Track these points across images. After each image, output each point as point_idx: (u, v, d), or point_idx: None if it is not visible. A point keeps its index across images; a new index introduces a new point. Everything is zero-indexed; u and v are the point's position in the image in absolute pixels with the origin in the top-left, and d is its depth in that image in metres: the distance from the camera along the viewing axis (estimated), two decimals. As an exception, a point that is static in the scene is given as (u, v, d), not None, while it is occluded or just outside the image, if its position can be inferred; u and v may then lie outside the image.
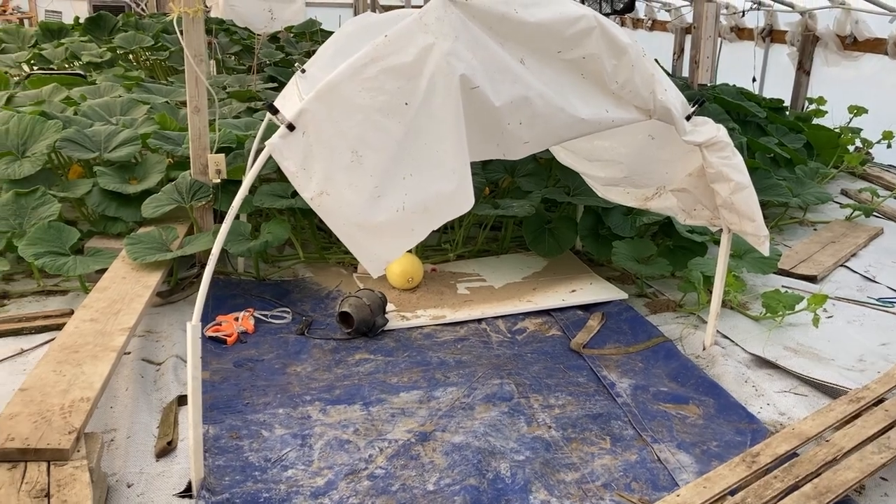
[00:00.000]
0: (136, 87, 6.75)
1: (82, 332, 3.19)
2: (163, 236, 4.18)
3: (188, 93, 4.28)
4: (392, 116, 2.61)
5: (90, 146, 4.85)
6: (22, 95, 6.41)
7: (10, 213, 4.27)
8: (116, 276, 3.80)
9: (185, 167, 4.84)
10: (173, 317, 4.00)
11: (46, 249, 4.01)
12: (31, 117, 4.77)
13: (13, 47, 9.49)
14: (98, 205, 4.49)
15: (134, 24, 10.20)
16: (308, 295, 4.37)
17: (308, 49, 10.33)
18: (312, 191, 2.61)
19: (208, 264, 2.56)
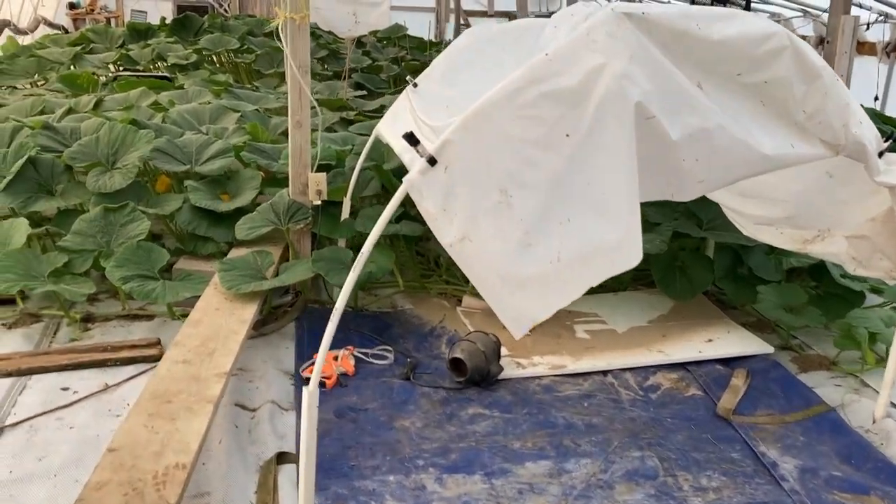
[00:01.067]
0: (224, 94, 6.49)
1: (175, 376, 2.84)
2: (257, 262, 3.84)
3: (290, 106, 3.93)
4: (550, 150, 2.19)
5: (181, 157, 4.56)
6: (110, 99, 6.23)
7: (98, 229, 3.99)
8: (209, 308, 3.47)
9: (279, 183, 4.52)
10: (266, 352, 3.65)
11: (135, 273, 3.71)
12: (123, 126, 4.51)
13: (101, 47, 9.41)
14: (188, 223, 4.18)
15: (219, 26, 10.05)
16: (410, 330, 3.97)
17: (395, 55, 10.01)
18: (453, 236, 2.21)
19: (331, 322, 2.17)
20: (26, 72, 8.33)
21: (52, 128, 4.68)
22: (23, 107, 6.03)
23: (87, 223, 4.00)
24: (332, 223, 4.15)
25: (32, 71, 8.33)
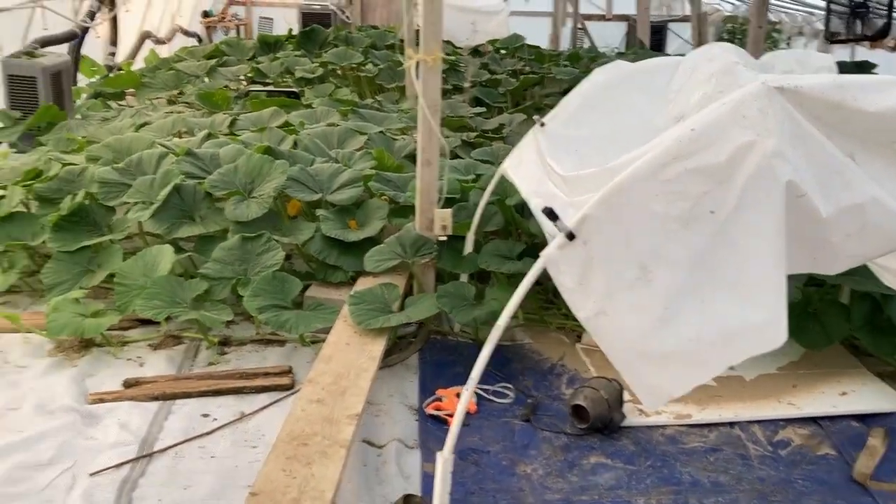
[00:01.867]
0: (350, 114, 6.68)
1: (310, 417, 2.97)
2: (385, 295, 3.95)
3: (419, 144, 4.02)
4: (693, 227, 2.16)
5: (313, 186, 4.74)
6: (244, 118, 6.53)
7: (236, 258, 4.21)
8: (340, 342, 3.60)
9: (405, 213, 4.62)
10: (392, 385, 3.75)
11: (270, 303, 3.89)
12: (259, 157, 4.72)
13: (233, 60, 9.86)
14: (320, 252, 4.35)
15: (344, 39, 10.34)
16: (529, 366, 3.99)
17: (513, 67, 10.01)
18: (589, 310, 2.21)
19: (467, 386, 2.21)
20: (166, 85, 8.82)
21: (194, 154, 4.95)
22: (164, 125, 6.40)
23: (226, 251, 4.21)
24: (456, 258, 4.22)
25: (171, 84, 8.82)
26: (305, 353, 3.99)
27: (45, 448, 3.09)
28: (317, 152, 5.42)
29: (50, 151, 5.74)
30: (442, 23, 3.88)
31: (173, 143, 5.53)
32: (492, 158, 5.62)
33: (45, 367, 3.73)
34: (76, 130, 6.58)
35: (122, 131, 6.11)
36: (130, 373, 3.73)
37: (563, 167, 3.14)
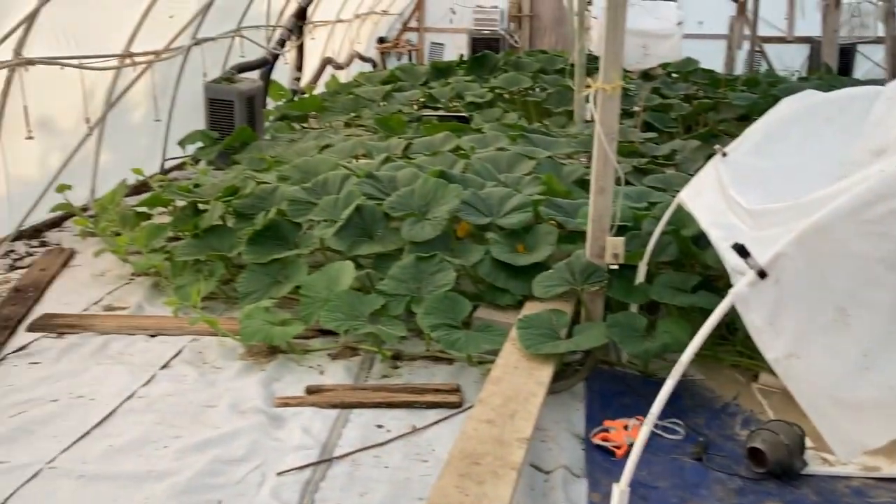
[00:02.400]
0: (519, 139, 6.78)
1: (481, 436, 3.05)
2: (553, 321, 3.98)
3: (594, 171, 4.03)
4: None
5: (484, 210, 4.86)
6: (418, 143, 6.78)
7: (410, 276, 4.38)
8: (508, 365, 3.66)
9: (574, 240, 4.63)
10: (559, 412, 3.76)
11: (441, 321, 4.02)
12: (434, 180, 4.91)
13: (407, 85, 10.26)
14: (489, 274, 4.45)
15: (513, 64, 10.49)
16: (701, 403, 3.88)
17: (686, 91, 9.77)
18: (779, 351, 2.14)
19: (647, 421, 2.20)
20: (345, 108, 9.32)
21: (374, 177, 5.22)
22: (345, 148, 6.78)
23: (402, 270, 4.40)
24: (626, 287, 4.18)
25: (350, 108, 9.31)
26: (472, 372, 4.08)
27: (237, 445, 3.36)
28: (487, 176, 5.55)
29: (244, 170, 6.22)
30: (623, 52, 3.89)
31: (355, 166, 5.84)
32: (665, 186, 5.53)
33: (238, 370, 4.05)
34: (266, 150, 7.10)
35: (308, 153, 6.53)
36: (311, 380, 3.97)
37: (748, 199, 3.05)
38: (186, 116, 7.84)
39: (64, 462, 3.24)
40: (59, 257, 5.46)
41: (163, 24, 6.90)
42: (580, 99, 8.07)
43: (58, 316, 4.57)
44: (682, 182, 5.25)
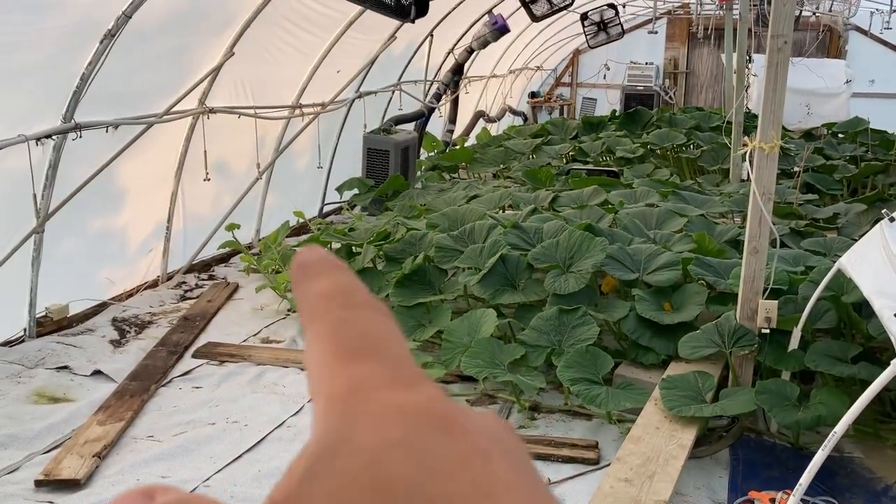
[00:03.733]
0: (671, 195, 6.68)
1: (617, 495, 3.00)
2: (698, 383, 3.86)
3: (748, 231, 3.92)
4: None
5: (630, 265, 4.81)
6: (565, 196, 6.82)
7: (552, 328, 4.40)
8: (649, 426, 3.59)
9: (724, 301, 4.50)
10: (700, 478, 3.63)
11: (581, 375, 4.00)
12: (581, 234, 4.92)
13: (557, 139, 10.37)
14: (633, 332, 4.39)
15: (667, 120, 10.37)
16: (858, 483, 3.62)
17: (852, 152, 9.28)
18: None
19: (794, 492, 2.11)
20: (494, 160, 9.54)
21: (519, 227, 5.30)
22: (493, 198, 6.92)
23: (544, 321, 4.42)
24: (779, 353, 4.00)
25: (499, 160, 9.51)
26: (611, 430, 4.02)
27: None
28: (635, 232, 5.50)
29: (396, 216, 6.49)
30: (782, 111, 3.79)
31: (501, 216, 5.96)
32: (824, 250, 5.27)
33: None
34: (417, 198, 7.37)
35: (457, 202, 6.73)
36: (449, 424, 4.03)
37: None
38: (345, 164, 8.29)
39: (217, 482, 3.46)
40: (224, 290, 5.89)
41: (330, 79, 7.38)
42: (736, 157, 7.86)
43: (220, 345, 4.91)
44: (844, 247, 4.99)
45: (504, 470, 0.24)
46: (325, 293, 0.28)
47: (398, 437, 0.23)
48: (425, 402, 0.25)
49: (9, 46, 4.08)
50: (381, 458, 0.23)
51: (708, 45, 15.70)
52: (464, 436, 0.24)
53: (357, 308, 0.28)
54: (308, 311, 0.28)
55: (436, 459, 0.23)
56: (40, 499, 3.29)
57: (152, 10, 4.68)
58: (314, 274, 0.29)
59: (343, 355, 0.26)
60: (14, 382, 4.31)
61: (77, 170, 4.85)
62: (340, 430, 0.24)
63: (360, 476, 0.22)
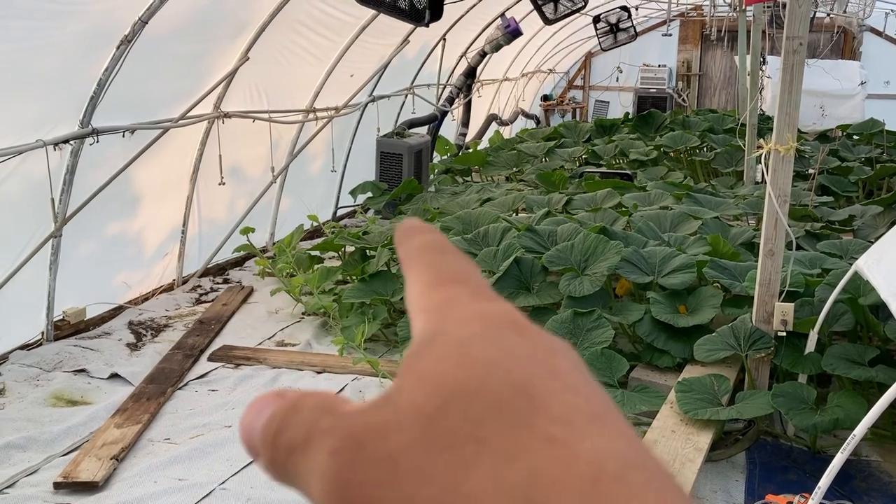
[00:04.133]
0: (685, 198, 6.66)
1: (633, 498, 2.99)
2: (714, 386, 3.84)
3: (764, 234, 3.91)
4: None
5: (645, 268, 4.80)
6: (579, 199, 6.82)
7: (567, 331, 4.39)
8: (665, 429, 3.58)
9: (739, 304, 4.48)
10: (716, 481, 3.62)
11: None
12: (595, 236, 4.92)
13: (570, 142, 10.36)
14: (648, 334, 4.37)
15: (681, 123, 10.34)
16: (875, 487, 3.59)
17: (867, 154, 9.23)
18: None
19: (813, 496, 2.10)
20: (507, 163, 9.54)
21: (533, 230, 5.30)
22: (506, 201, 6.93)
23: (558, 324, 4.42)
24: (795, 356, 3.98)
25: (512, 163, 9.51)
26: (626, 433, 4.00)
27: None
28: (649, 235, 5.48)
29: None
30: (798, 112, 3.78)
31: (515, 219, 5.96)
32: (840, 252, 5.24)
33: (395, 411, 4.19)
34: (430, 202, 7.38)
35: (470, 205, 6.73)
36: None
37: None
38: (359, 168, 8.31)
39: (234, 485, 3.48)
40: (239, 294, 5.92)
41: (343, 83, 7.41)
42: (751, 160, 7.84)
43: (235, 348, 4.94)
44: (861, 249, 4.98)
45: (566, 363, 0.28)
46: (421, 245, 0.34)
47: (480, 331, 0.28)
48: (503, 311, 0.30)
49: (28, 52, 4.13)
50: (466, 343, 0.28)
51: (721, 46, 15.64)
52: (534, 337, 0.29)
53: (446, 254, 0.34)
54: (407, 258, 0.34)
55: (510, 347, 0.28)
56: (59, 501, 3.32)
57: (168, 15, 4.72)
58: (412, 234, 0.35)
59: (436, 283, 0.32)
60: (32, 385, 4.35)
61: (94, 174, 4.89)
62: (435, 328, 0.29)
63: (450, 355, 0.28)
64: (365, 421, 0.27)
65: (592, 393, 0.27)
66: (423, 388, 0.27)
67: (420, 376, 0.27)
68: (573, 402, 0.26)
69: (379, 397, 0.28)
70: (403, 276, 0.34)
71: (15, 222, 4.55)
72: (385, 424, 0.26)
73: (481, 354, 0.27)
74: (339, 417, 0.27)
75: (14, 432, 3.81)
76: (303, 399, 0.29)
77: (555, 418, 0.25)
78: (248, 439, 0.30)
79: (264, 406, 0.30)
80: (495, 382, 0.26)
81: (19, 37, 4.02)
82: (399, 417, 0.26)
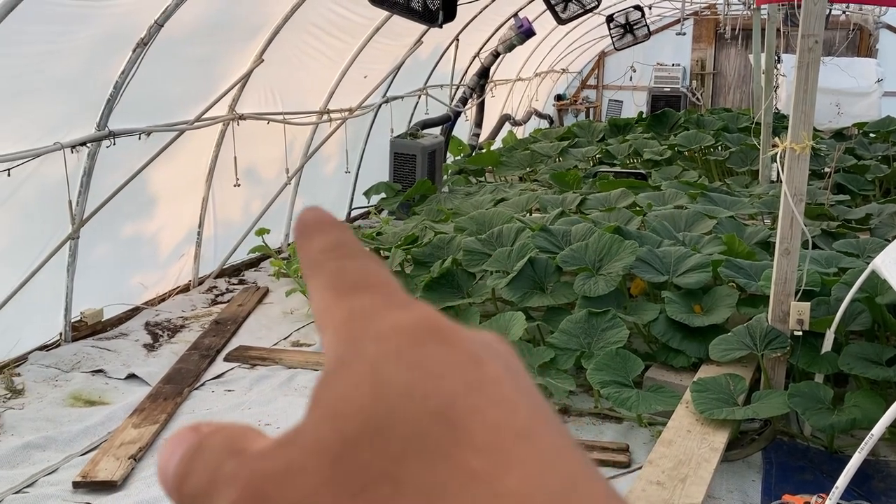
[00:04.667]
0: (699, 197, 6.63)
1: (650, 498, 2.99)
2: (730, 386, 3.83)
3: (780, 233, 3.89)
4: None
5: (660, 267, 4.79)
6: (593, 198, 6.80)
7: (582, 331, 4.39)
8: (681, 428, 3.57)
9: (755, 303, 4.47)
10: (733, 481, 3.60)
11: (611, 378, 3.98)
12: (610, 236, 4.91)
13: (584, 141, 10.35)
14: (662, 334, 4.36)
15: (695, 122, 10.30)
16: (893, 487, 3.57)
17: (884, 152, 9.15)
18: None
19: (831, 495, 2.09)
20: (521, 163, 9.53)
21: (547, 230, 5.30)
22: (520, 201, 6.92)
23: (573, 324, 4.42)
24: (811, 355, 3.96)
25: (525, 163, 9.50)
26: (642, 433, 4.00)
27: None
28: (664, 234, 5.47)
29: (423, 220, 6.51)
30: (814, 111, 3.76)
31: (529, 219, 5.96)
32: (857, 251, 5.20)
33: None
34: (444, 202, 7.39)
35: (484, 205, 6.74)
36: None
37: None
38: (372, 169, 8.34)
39: (250, 483, 3.49)
40: (254, 295, 5.95)
41: (357, 84, 7.43)
42: (766, 158, 7.80)
43: (251, 348, 4.96)
44: (877, 248, 4.94)
45: (492, 371, 0.25)
46: (324, 247, 0.30)
47: (394, 348, 0.25)
48: (418, 319, 0.27)
49: (45, 56, 4.17)
50: (379, 365, 0.25)
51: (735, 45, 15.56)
52: (456, 344, 0.26)
53: (352, 257, 0.30)
54: (308, 264, 0.30)
55: (429, 364, 0.25)
56: (78, 500, 3.36)
57: (183, 19, 4.76)
58: (313, 231, 0.31)
59: (342, 293, 0.28)
60: (51, 386, 4.39)
61: (111, 176, 4.93)
62: (345, 348, 0.26)
63: (362, 382, 0.25)
64: (268, 465, 0.24)
65: (523, 403, 0.25)
66: (331, 423, 0.24)
67: (328, 409, 0.25)
68: (498, 421, 0.24)
69: (285, 434, 0.25)
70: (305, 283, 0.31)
71: (33, 224, 4.60)
72: (289, 468, 0.24)
73: (396, 377, 0.25)
74: (242, 462, 0.25)
75: (34, 432, 3.86)
76: (210, 437, 0.27)
77: (478, 447, 0.23)
78: (163, 482, 0.27)
79: (178, 445, 0.27)
80: (412, 410, 0.24)
81: (39, 41, 4.07)
82: (304, 458, 0.24)
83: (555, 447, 0.24)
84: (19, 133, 4.20)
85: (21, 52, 4.00)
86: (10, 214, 4.41)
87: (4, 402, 4.15)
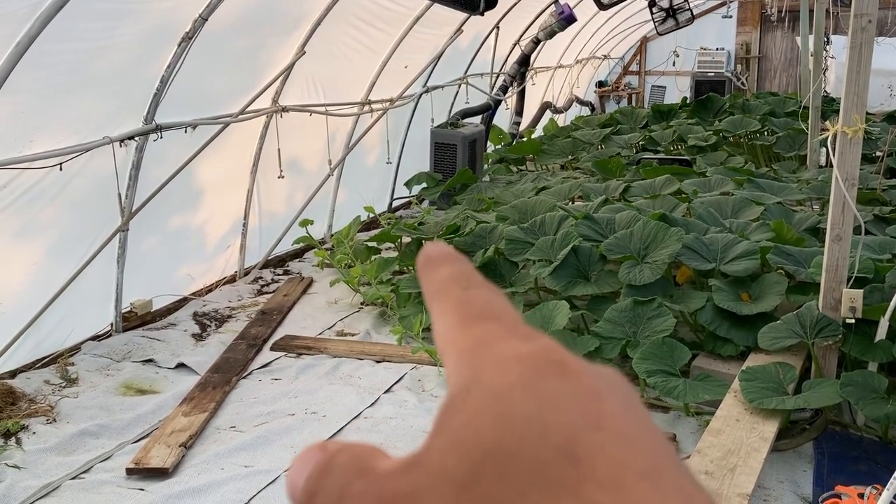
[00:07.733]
0: (746, 183, 6.51)
1: (697, 488, 2.95)
2: (779, 374, 3.76)
3: (831, 219, 3.80)
4: None
5: (707, 255, 4.72)
6: (637, 186, 6.72)
7: (627, 320, 4.35)
8: (729, 418, 3.52)
9: (805, 291, 4.38)
10: (783, 471, 3.54)
11: (658, 368, 3.94)
12: (655, 223, 4.85)
13: (626, 128, 10.22)
14: (710, 322, 4.30)
15: (740, 107, 10.11)
16: (952, 478, 3.47)
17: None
18: None
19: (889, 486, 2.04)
20: (562, 151, 9.46)
21: (591, 218, 5.25)
22: (562, 190, 6.87)
23: (618, 313, 4.38)
24: (865, 344, 3.87)
25: (567, 151, 9.43)
26: (689, 422, 3.95)
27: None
28: (710, 221, 5.38)
29: (465, 210, 6.51)
30: (867, 92, 3.66)
31: (572, 207, 5.91)
32: (911, 237, 5.06)
33: (454, 400, 4.21)
34: (485, 192, 7.37)
35: (525, 194, 6.70)
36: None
37: None
38: (413, 159, 8.35)
39: (298, 471, 3.54)
40: (299, 285, 6.01)
41: (398, 74, 7.44)
42: (814, 143, 7.62)
43: (297, 338, 5.02)
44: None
45: (613, 406, 0.26)
46: (447, 277, 0.32)
47: (517, 377, 0.26)
48: (541, 350, 0.28)
49: (92, 52, 4.25)
50: (503, 393, 0.26)
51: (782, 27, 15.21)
52: (577, 377, 0.27)
53: (475, 287, 0.31)
54: (432, 292, 0.32)
55: (550, 395, 0.26)
56: (132, 486, 3.43)
57: (226, 12, 4.81)
58: (439, 263, 0.33)
59: (467, 321, 0.30)
60: (104, 375, 4.49)
61: (158, 170, 5.02)
62: (470, 375, 0.27)
63: (487, 409, 0.26)
64: (396, 487, 0.25)
65: (644, 440, 0.25)
66: (456, 450, 0.25)
67: (453, 436, 0.25)
68: (622, 458, 0.24)
69: (411, 456, 0.26)
70: (428, 309, 0.32)
71: (84, 217, 4.70)
72: (416, 492, 0.25)
73: (519, 409, 0.25)
74: (370, 482, 0.26)
75: (88, 420, 3.95)
76: (338, 456, 0.28)
77: (601, 482, 0.24)
78: (292, 498, 0.28)
79: (306, 462, 0.29)
80: (535, 442, 0.24)
81: (87, 37, 4.15)
82: (431, 483, 0.25)
83: (680, 486, 0.24)
84: (71, 128, 4.30)
85: (71, 48, 4.08)
86: (62, 208, 4.51)
87: (60, 391, 4.26)
